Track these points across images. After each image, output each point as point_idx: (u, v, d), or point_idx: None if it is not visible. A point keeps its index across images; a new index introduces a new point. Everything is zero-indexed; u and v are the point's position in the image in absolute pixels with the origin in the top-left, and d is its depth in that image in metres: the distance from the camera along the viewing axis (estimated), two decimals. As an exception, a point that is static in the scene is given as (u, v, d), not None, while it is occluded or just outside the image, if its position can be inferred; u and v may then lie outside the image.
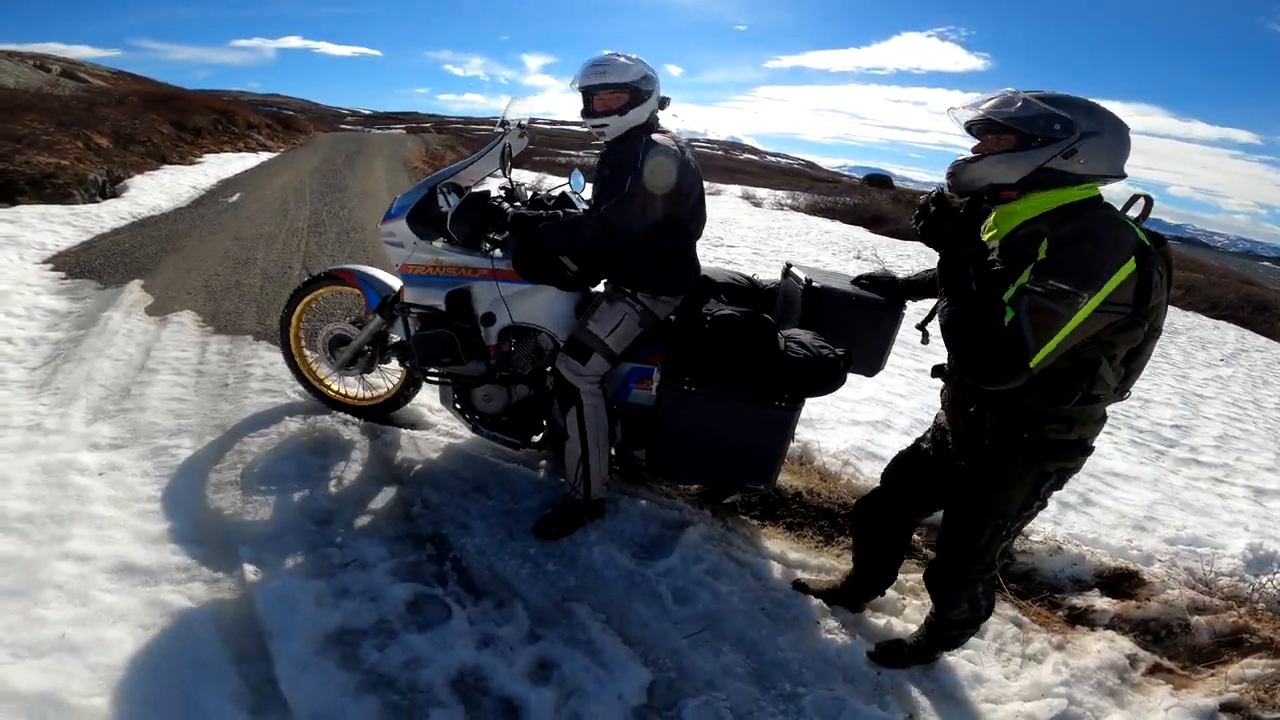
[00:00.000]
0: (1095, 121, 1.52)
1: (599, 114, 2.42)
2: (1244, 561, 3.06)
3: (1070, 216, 1.54)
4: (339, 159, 14.34)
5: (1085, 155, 1.52)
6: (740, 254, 9.21)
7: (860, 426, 3.96)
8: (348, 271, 2.98)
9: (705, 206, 2.54)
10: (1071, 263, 1.44)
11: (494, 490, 2.76)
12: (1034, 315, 1.43)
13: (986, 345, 1.48)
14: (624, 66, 2.38)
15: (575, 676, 1.97)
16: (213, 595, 2.05)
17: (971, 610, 2.02)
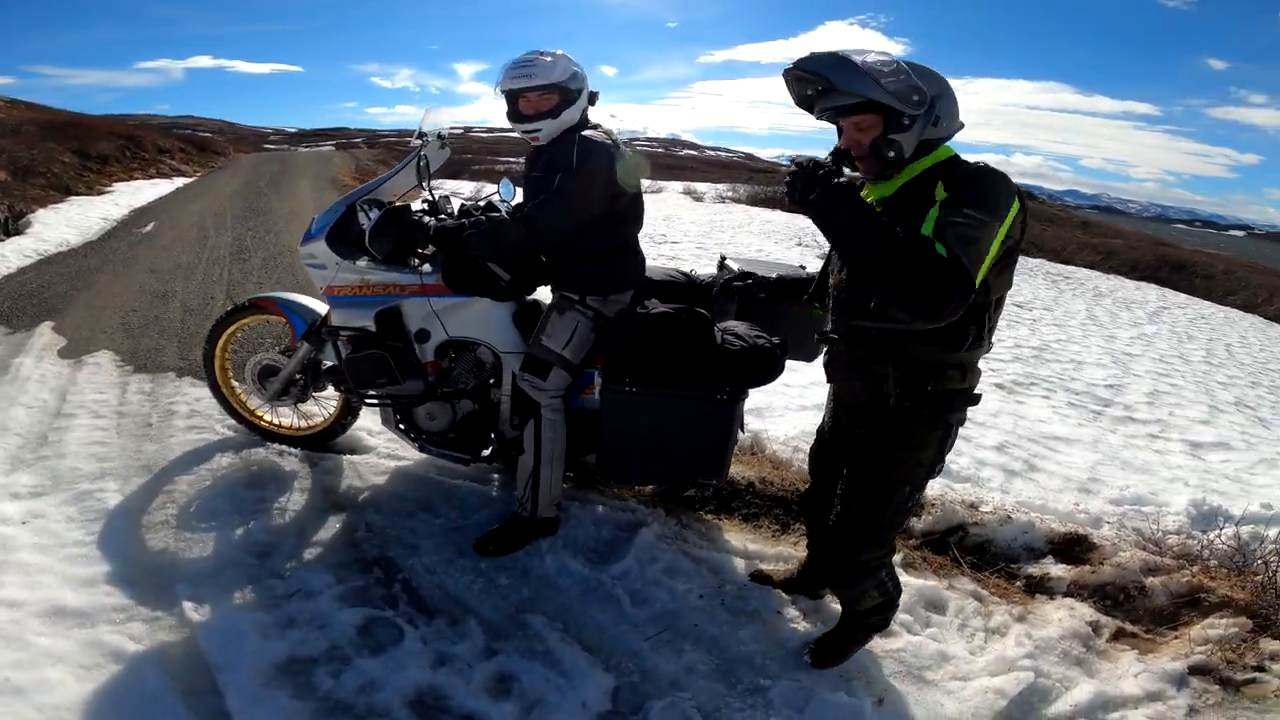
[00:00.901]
0: (933, 82, 1.57)
1: (530, 118, 2.31)
2: (1189, 518, 3.14)
3: (951, 168, 1.59)
4: (262, 180, 13.87)
5: (944, 117, 1.60)
6: (684, 249, 9.25)
7: (808, 411, 4.00)
8: (269, 300, 2.87)
9: (643, 201, 2.51)
10: (978, 196, 1.50)
11: (441, 508, 2.70)
12: (963, 242, 1.46)
13: (931, 277, 1.45)
14: (549, 65, 2.27)
15: (536, 688, 1.94)
16: (153, 634, 2.00)
17: (882, 593, 2.00)
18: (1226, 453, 4.88)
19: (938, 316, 1.48)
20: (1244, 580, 2.59)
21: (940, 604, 2.43)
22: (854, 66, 1.52)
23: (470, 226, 2.34)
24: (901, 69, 1.53)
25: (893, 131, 1.57)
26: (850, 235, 1.54)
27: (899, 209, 1.58)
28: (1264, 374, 8.28)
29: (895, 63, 1.54)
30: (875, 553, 1.89)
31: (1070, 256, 14.87)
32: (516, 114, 2.32)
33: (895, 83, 1.51)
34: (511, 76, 2.27)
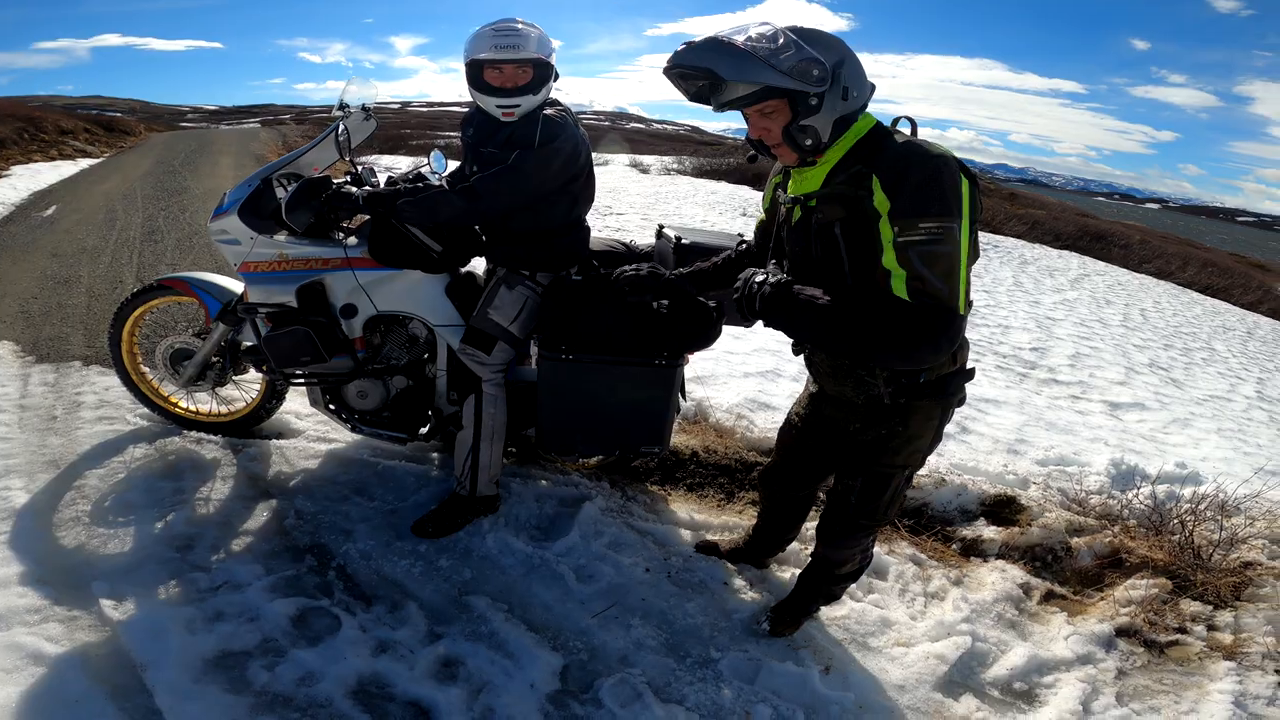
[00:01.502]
0: (830, 49, 1.42)
1: (509, 92, 2.13)
2: (1109, 478, 3.26)
3: (875, 150, 1.45)
4: (176, 159, 13.08)
5: (853, 86, 1.44)
6: (629, 220, 9.17)
7: (751, 378, 4.01)
8: (178, 280, 2.68)
9: (594, 178, 2.44)
10: (925, 198, 1.35)
11: (376, 491, 2.60)
12: (932, 264, 1.33)
13: (906, 329, 1.35)
14: (536, 38, 2.11)
15: (482, 671, 1.90)
16: (72, 634, 1.88)
17: (861, 562, 2.03)
18: (1142, 413, 5.15)
19: (934, 359, 1.41)
20: (1162, 540, 2.69)
21: (881, 569, 2.47)
22: (739, 52, 1.37)
23: (405, 194, 2.22)
24: (791, 41, 1.37)
25: (802, 117, 1.43)
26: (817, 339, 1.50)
27: (834, 204, 1.47)
28: (1176, 337, 8.79)
29: (782, 35, 1.38)
30: (876, 519, 1.86)
31: (999, 226, 15.38)
32: (486, 85, 2.15)
33: (788, 60, 1.36)
34: (496, 46, 2.09)
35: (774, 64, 1.36)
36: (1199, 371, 7.16)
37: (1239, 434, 5.05)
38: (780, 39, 1.37)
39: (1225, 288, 14.86)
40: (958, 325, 1.37)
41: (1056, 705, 2.00)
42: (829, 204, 1.49)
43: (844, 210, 1.46)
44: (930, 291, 1.34)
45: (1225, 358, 8.27)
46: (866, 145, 1.47)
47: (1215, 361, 7.89)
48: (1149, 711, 2.03)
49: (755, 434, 3.29)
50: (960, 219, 1.36)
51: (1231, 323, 11.27)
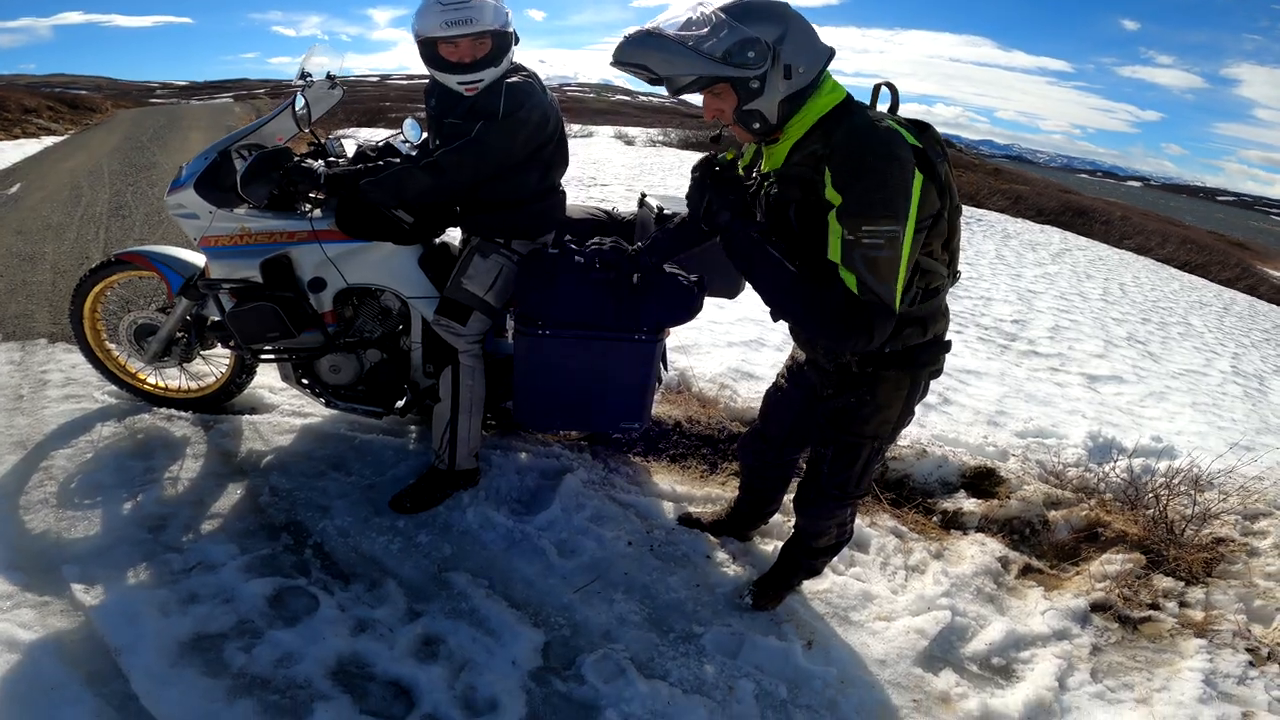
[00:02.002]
0: (769, 22, 1.37)
1: (468, 67, 2.05)
2: (1086, 450, 3.27)
3: (835, 128, 1.42)
4: (144, 135, 12.77)
5: (798, 62, 1.40)
6: (614, 192, 9.08)
7: (735, 348, 4.00)
8: (136, 254, 2.59)
9: (567, 143, 2.37)
10: (871, 201, 1.35)
11: (353, 465, 2.55)
12: (874, 268, 1.36)
13: (849, 318, 1.39)
14: (493, 7, 2.02)
15: (463, 649, 1.87)
16: (45, 619, 1.83)
17: (839, 535, 2.02)
18: (1119, 385, 5.19)
19: (865, 348, 1.44)
20: (1137, 515, 2.70)
21: (863, 543, 2.46)
22: (670, 45, 1.36)
23: (367, 173, 2.14)
24: (723, 23, 1.34)
25: (745, 101, 1.42)
26: (762, 280, 1.49)
27: (792, 185, 1.48)
28: (1154, 312, 8.88)
29: (715, 17, 1.35)
30: (850, 490, 1.85)
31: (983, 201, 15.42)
32: (443, 62, 2.07)
33: (722, 44, 1.34)
34: (446, 22, 1.99)
35: (705, 52, 1.34)
36: (1175, 346, 7.24)
37: (1213, 408, 5.11)
38: (712, 22, 1.35)
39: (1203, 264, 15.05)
40: (890, 320, 1.41)
41: (1033, 681, 2.00)
42: (786, 184, 1.49)
43: (800, 192, 1.46)
44: (871, 290, 1.37)
45: (1201, 333, 8.36)
46: (828, 122, 1.44)
47: (1191, 336, 7.98)
48: (1122, 688, 2.04)
49: (739, 404, 3.27)
50: (906, 220, 1.37)
51: (1208, 298, 11.40)
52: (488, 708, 1.74)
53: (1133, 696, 2.01)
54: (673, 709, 1.79)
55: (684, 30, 1.36)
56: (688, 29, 1.36)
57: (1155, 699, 2.00)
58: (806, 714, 1.84)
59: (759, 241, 1.49)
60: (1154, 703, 1.98)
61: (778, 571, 2.14)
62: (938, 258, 1.56)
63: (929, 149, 1.43)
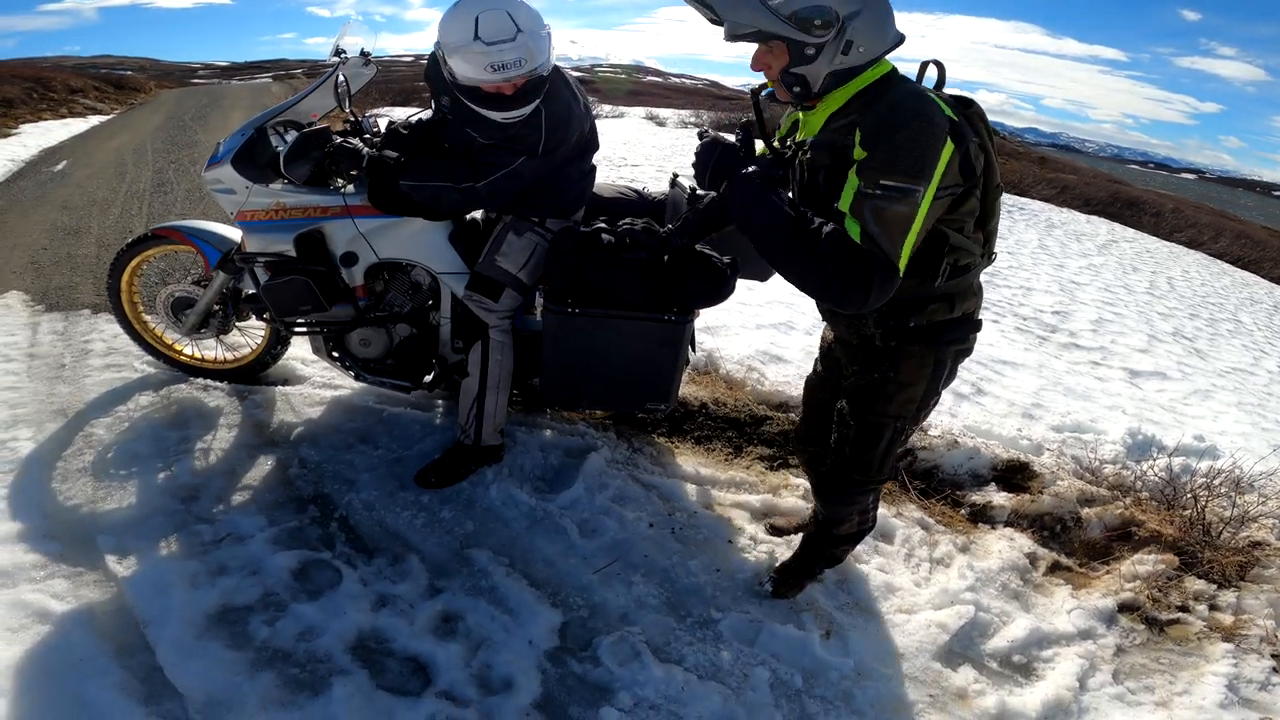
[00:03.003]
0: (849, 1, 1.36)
1: (511, 102, 1.95)
2: (1124, 447, 3.17)
3: (875, 99, 1.41)
4: (187, 114, 13.00)
5: (861, 41, 1.38)
6: (644, 172, 9.01)
7: (764, 330, 3.95)
8: (173, 229, 2.63)
9: (597, 128, 2.35)
10: (895, 158, 1.32)
11: (381, 439, 2.58)
12: (882, 221, 1.33)
13: (846, 270, 1.35)
14: (537, 43, 1.88)
15: (482, 627, 1.89)
16: (77, 590, 1.87)
17: (860, 524, 1.96)
18: (1163, 382, 5.00)
19: (861, 307, 1.38)
20: (1173, 515, 2.62)
21: (888, 533, 2.42)
22: None
23: (409, 169, 2.13)
24: None
25: (795, 64, 1.40)
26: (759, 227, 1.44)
27: (823, 151, 1.46)
28: (1203, 307, 8.55)
29: None
30: (872, 475, 1.80)
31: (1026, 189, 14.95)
32: (482, 97, 1.97)
33: (791, 5, 1.33)
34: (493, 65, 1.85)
35: (771, 8, 1.34)
36: (1224, 343, 6.96)
37: (1259, 408, 4.91)
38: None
39: (1256, 260, 14.44)
40: (891, 279, 1.36)
41: (1053, 680, 1.97)
42: (819, 150, 1.47)
43: (830, 159, 1.45)
44: (874, 242, 1.34)
45: (1251, 330, 8.04)
46: (868, 94, 1.42)
47: (1241, 334, 7.67)
48: (1143, 691, 2.00)
49: (766, 387, 3.23)
50: (927, 185, 1.33)
51: (1260, 295, 10.95)
52: (503, 686, 1.75)
53: (1153, 699, 1.98)
54: (686, 694, 1.79)
55: None
56: None
57: (1175, 702, 1.96)
58: (821, 705, 1.83)
59: (760, 187, 1.45)
60: (1173, 706, 1.95)
61: (799, 559, 2.11)
62: (970, 236, 1.52)
63: (965, 124, 1.40)
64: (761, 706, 1.80)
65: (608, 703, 1.74)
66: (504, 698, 1.72)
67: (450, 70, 1.95)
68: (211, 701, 1.62)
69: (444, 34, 1.92)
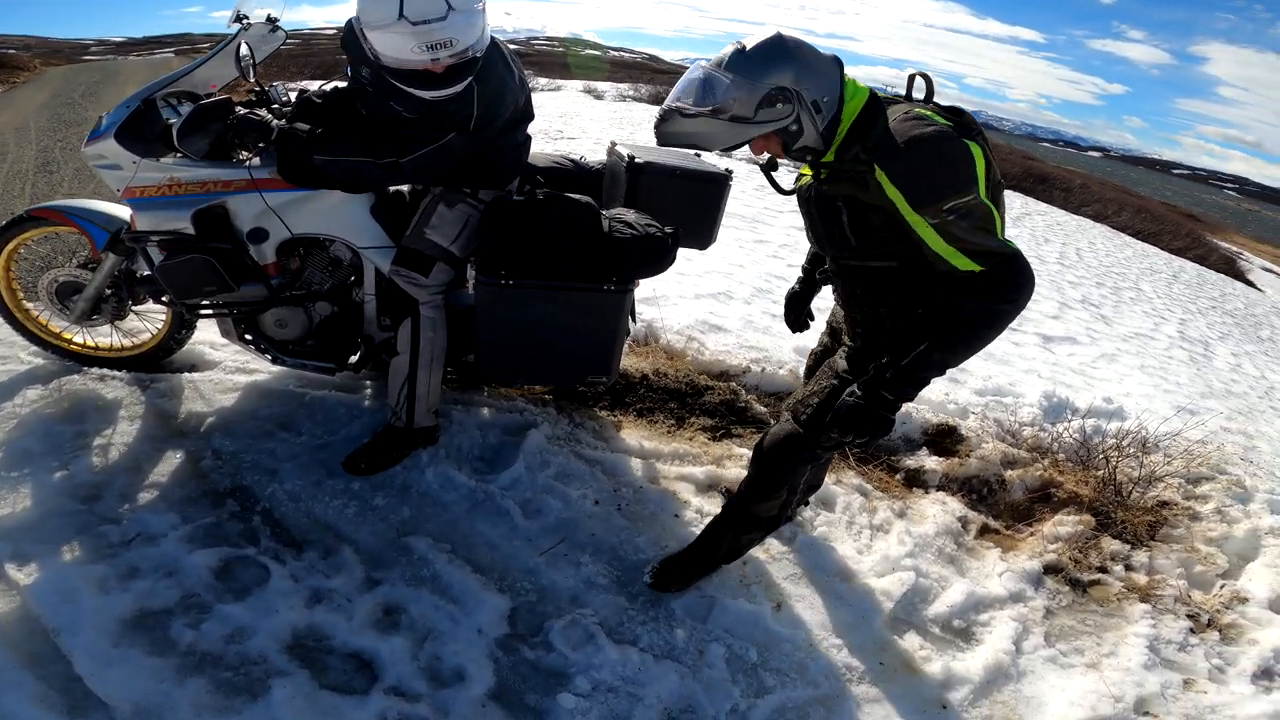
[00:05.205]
0: (781, 67, 1.39)
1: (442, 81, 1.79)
2: (1041, 410, 3.30)
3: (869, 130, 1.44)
4: (76, 92, 12.15)
5: (820, 93, 1.42)
6: (582, 145, 8.89)
7: (703, 300, 3.96)
8: (52, 209, 2.38)
9: (532, 100, 2.22)
10: (939, 182, 1.37)
11: (303, 425, 2.42)
12: (974, 231, 1.37)
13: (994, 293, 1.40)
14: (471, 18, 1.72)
15: (426, 618, 1.81)
16: None
17: (782, 508, 1.90)
18: (1073, 346, 5.28)
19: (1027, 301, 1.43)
20: (1088, 476, 2.74)
21: (829, 500, 2.45)
22: (703, 120, 1.42)
23: (324, 143, 1.96)
24: (738, 82, 1.38)
25: (792, 143, 1.47)
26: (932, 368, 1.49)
27: (839, 181, 1.50)
28: (1108, 276, 9.09)
29: (728, 76, 1.38)
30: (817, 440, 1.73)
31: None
32: (410, 77, 1.80)
33: (747, 105, 1.38)
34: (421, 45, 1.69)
35: (738, 116, 1.39)
36: (1126, 310, 7.42)
37: (1160, 371, 5.24)
38: (726, 85, 1.38)
39: (1156, 233, 15.47)
40: (1023, 262, 1.41)
41: (991, 644, 2.03)
42: (836, 179, 1.51)
43: (850, 187, 1.48)
44: (989, 250, 1.38)
45: (1151, 298, 8.60)
46: (861, 124, 1.46)
47: (1142, 301, 8.20)
48: (1074, 653, 2.07)
49: (706, 356, 3.22)
50: (977, 184, 1.38)
51: (1159, 265, 11.75)
52: (454, 678, 1.68)
53: (1083, 661, 2.05)
54: (644, 675, 1.76)
55: (704, 103, 1.40)
56: (707, 100, 1.40)
57: (1104, 664, 2.04)
58: (777, 677, 1.83)
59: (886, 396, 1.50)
60: (1103, 668, 2.02)
61: (697, 550, 2.00)
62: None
63: (962, 131, 1.44)
64: (718, 683, 1.78)
65: (564, 688, 1.70)
66: (457, 690, 1.65)
67: (371, 48, 1.77)
68: (139, 710, 1.52)
69: (363, 9, 1.73)
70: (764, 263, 5.04)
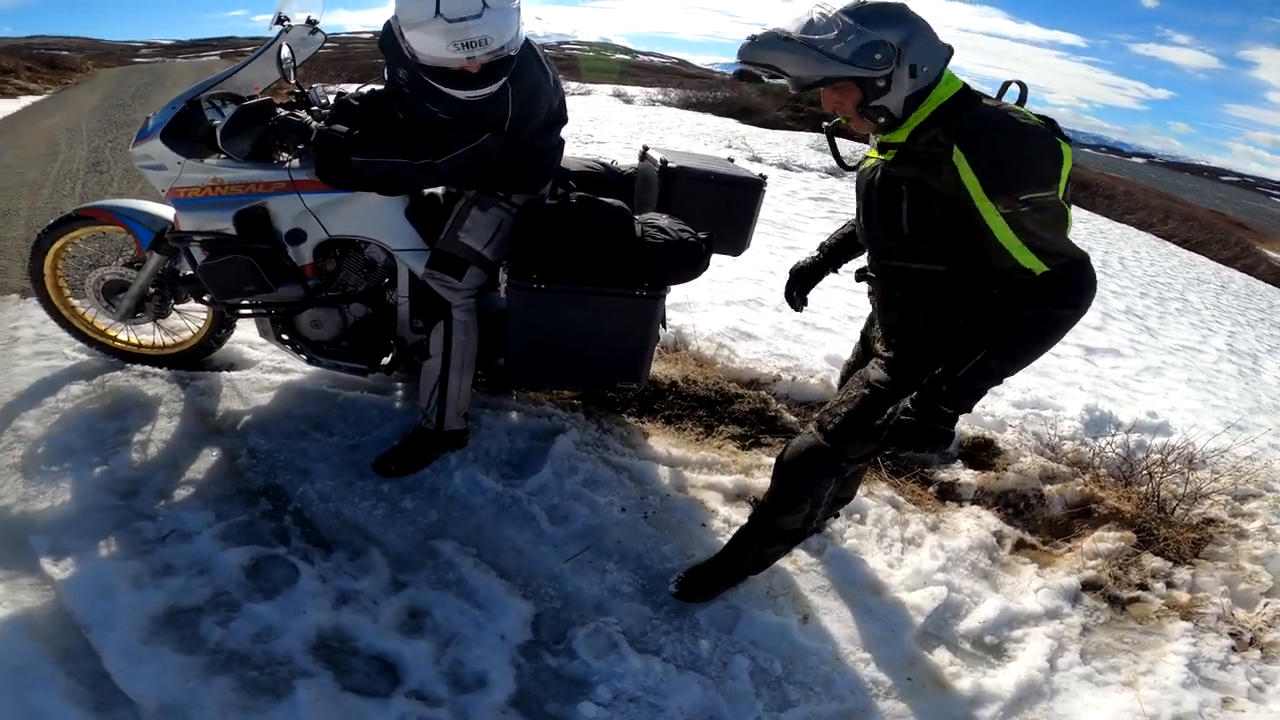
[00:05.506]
0: (895, 26, 1.37)
1: (477, 81, 1.80)
2: (1082, 423, 3.22)
3: (958, 114, 1.41)
4: (127, 93, 12.44)
5: (923, 61, 1.40)
6: (611, 149, 8.90)
7: (733, 306, 3.93)
8: (100, 209, 2.44)
9: (566, 103, 2.23)
10: (1020, 170, 1.34)
11: (335, 425, 2.44)
12: (1046, 227, 1.34)
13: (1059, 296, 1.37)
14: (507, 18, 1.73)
15: (450, 622, 1.80)
16: (12, 594, 1.72)
17: (807, 520, 1.85)
18: (1116, 359, 5.12)
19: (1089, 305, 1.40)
20: (1130, 492, 2.67)
21: (860, 511, 2.41)
22: (795, 46, 1.38)
23: (361, 144, 1.98)
24: (850, 28, 1.35)
25: (872, 98, 1.42)
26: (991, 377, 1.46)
27: (909, 163, 1.46)
28: (1152, 286, 8.80)
29: (842, 19, 1.35)
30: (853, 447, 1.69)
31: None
32: (446, 76, 1.81)
33: (847, 47, 1.35)
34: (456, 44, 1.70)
35: (834, 54, 1.36)
36: (1172, 321, 7.17)
37: (1208, 385, 5.06)
38: (840, 24, 1.36)
39: (1203, 242, 14.97)
40: (1090, 268, 1.38)
41: (1025, 661, 1.98)
42: (904, 162, 1.48)
43: (918, 170, 1.45)
44: (1058, 250, 1.36)
45: (1199, 309, 8.32)
46: (948, 109, 1.43)
47: (1189, 312, 7.93)
48: (1110, 670, 2.02)
49: (736, 364, 3.19)
50: (1059, 181, 1.36)
51: (1206, 276, 11.36)
52: (476, 683, 1.67)
53: (1119, 679, 2.00)
54: (666, 685, 1.73)
55: (808, 33, 1.37)
56: (812, 31, 1.37)
57: (1141, 682, 1.99)
58: (801, 691, 1.80)
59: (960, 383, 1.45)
60: (1139, 686, 1.98)
61: (722, 561, 1.98)
62: None
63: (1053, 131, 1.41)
64: (742, 695, 1.76)
65: (586, 697, 1.68)
66: (478, 695, 1.64)
67: (409, 46, 1.79)
68: (165, 708, 1.52)
69: (401, 7, 1.76)
70: (796, 269, 4.99)
